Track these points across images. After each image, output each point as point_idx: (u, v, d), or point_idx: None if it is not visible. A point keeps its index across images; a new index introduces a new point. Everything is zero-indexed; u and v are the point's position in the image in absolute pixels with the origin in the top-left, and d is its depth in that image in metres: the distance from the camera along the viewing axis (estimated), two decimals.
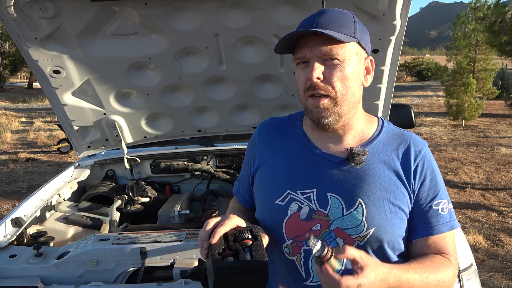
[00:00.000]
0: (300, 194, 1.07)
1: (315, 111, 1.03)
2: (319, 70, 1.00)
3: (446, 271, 1.03)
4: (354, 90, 1.04)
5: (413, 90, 20.32)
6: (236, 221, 1.01)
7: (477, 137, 9.39)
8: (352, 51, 1.02)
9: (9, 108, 16.60)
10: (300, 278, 1.07)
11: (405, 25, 1.77)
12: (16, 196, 5.95)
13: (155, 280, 1.72)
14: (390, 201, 1.03)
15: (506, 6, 7.11)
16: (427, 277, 0.99)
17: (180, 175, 2.87)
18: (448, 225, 1.07)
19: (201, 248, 0.98)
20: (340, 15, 1.03)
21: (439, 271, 1.02)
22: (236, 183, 1.33)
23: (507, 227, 4.46)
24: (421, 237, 1.06)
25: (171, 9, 1.73)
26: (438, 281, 1.01)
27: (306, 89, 1.03)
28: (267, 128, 1.23)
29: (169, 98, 2.24)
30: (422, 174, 1.07)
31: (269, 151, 1.17)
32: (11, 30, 1.75)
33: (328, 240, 1.04)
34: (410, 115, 2.70)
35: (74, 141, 2.44)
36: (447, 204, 1.08)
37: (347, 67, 1.01)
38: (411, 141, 1.10)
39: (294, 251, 1.08)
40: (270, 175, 1.14)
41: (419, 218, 1.06)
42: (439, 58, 17.79)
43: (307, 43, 1.01)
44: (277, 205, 1.09)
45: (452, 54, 12.66)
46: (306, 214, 1.05)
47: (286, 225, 1.08)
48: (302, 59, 1.03)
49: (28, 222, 1.99)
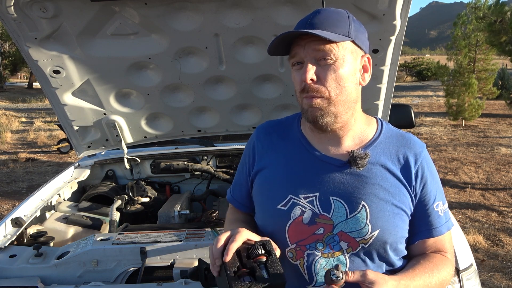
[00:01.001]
0: (302, 199, 1.06)
1: (310, 110, 1.03)
2: (312, 72, 1.00)
3: (446, 270, 1.07)
4: (349, 90, 1.03)
5: (413, 90, 20.32)
6: (246, 235, 0.97)
7: (477, 137, 9.39)
8: (346, 50, 1.01)
9: (9, 108, 16.60)
10: (303, 282, 1.07)
11: (405, 25, 1.77)
12: (16, 196, 5.95)
13: (155, 280, 1.73)
14: (393, 203, 1.04)
15: (506, 6, 7.11)
16: (430, 281, 1.03)
17: (180, 175, 2.87)
18: (446, 225, 1.10)
19: (212, 266, 0.95)
20: (335, 14, 1.03)
21: (440, 271, 1.06)
22: (229, 190, 1.31)
23: (507, 227, 4.46)
24: (423, 238, 1.08)
25: (171, 9, 1.73)
26: (439, 281, 1.05)
27: (301, 91, 1.03)
28: (265, 131, 1.21)
29: (169, 98, 2.24)
30: (424, 178, 1.07)
31: (269, 154, 1.16)
32: (11, 30, 1.74)
33: (332, 244, 1.04)
34: (410, 115, 2.70)
35: (74, 141, 2.44)
36: (442, 205, 1.10)
37: (341, 66, 1.00)
38: (410, 143, 1.10)
39: (297, 255, 1.07)
40: (270, 179, 1.13)
41: (421, 220, 1.08)
42: (439, 58, 17.77)
43: (300, 43, 1.01)
44: (279, 210, 1.08)
45: (452, 54, 12.64)
46: (309, 218, 1.05)
47: (289, 230, 1.07)
48: (297, 60, 1.03)
49: (28, 222, 1.99)
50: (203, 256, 1.68)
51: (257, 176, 1.17)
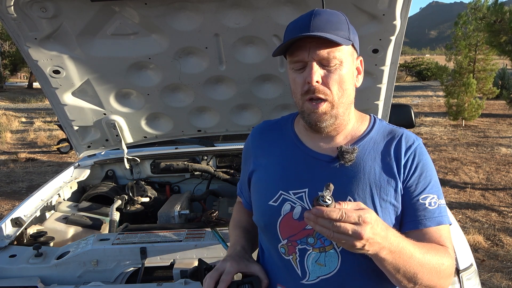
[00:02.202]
0: (292, 194, 1.08)
1: (313, 115, 1.04)
2: (319, 74, 1.01)
3: (445, 257, 1.01)
4: (349, 91, 1.06)
5: (413, 90, 20.32)
6: (234, 268, 1.08)
7: (477, 137, 9.39)
8: (347, 53, 1.04)
9: (9, 108, 16.60)
10: (296, 277, 1.08)
11: (405, 25, 1.77)
12: (16, 196, 5.95)
13: (155, 280, 1.73)
14: (381, 197, 1.03)
15: (505, 6, 7.11)
16: (425, 254, 0.96)
17: (180, 175, 2.87)
18: (436, 220, 1.04)
19: None
20: (334, 17, 1.04)
21: (438, 254, 0.99)
22: (239, 184, 1.35)
23: (507, 227, 4.46)
24: (407, 230, 1.04)
25: (171, 9, 1.73)
26: (437, 263, 0.98)
27: (304, 93, 1.03)
28: (260, 131, 1.25)
29: (169, 98, 2.24)
30: (412, 168, 1.06)
31: (263, 154, 1.19)
32: (11, 30, 1.74)
33: (323, 239, 1.05)
34: (410, 115, 2.70)
35: (74, 141, 2.44)
36: (436, 199, 1.06)
37: (343, 69, 1.03)
38: (402, 136, 1.10)
39: (289, 250, 1.08)
40: (263, 178, 1.16)
41: (406, 211, 1.06)
42: (439, 58, 17.78)
43: (304, 45, 1.01)
44: (270, 206, 1.10)
45: (451, 54, 12.64)
46: (299, 213, 1.06)
47: (280, 225, 1.09)
48: (299, 62, 1.03)
49: (28, 222, 1.99)
50: (203, 256, 1.68)
51: (253, 175, 1.20)
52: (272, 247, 1.13)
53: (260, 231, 1.20)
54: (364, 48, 1.87)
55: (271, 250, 1.14)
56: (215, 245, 1.72)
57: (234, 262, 1.11)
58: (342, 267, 1.04)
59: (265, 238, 1.17)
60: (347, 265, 1.04)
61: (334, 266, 1.05)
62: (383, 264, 0.93)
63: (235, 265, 1.10)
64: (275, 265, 1.13)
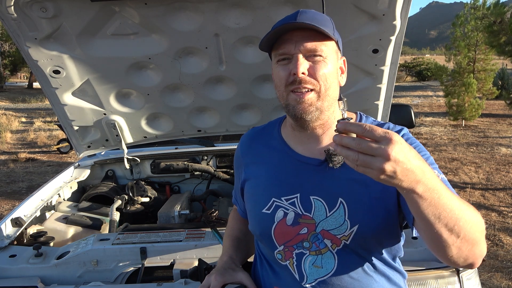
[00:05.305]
0: (284, 201, 1.08)
1: (298, 106, 1.03)
2: (305, 66, 1.01)
3: (479, 217, 0.86)
4: (334, 86, 1.06)
5: (413, 90, 20.32)
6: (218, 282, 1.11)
7: (477, 137, 9.39)
8: (332, 49, 1.05)
9: (9, 108, 16.60)
10: (294, 282, 1.08)
11: (405, 25, 1.77)
12: (16, 196, 5.95)
13: (155, 280, 1.73)
14: (372, 195, 1.02)
15: (505, 6, 7.11)
16: (462, 205, 0.82)
17: (180, 175, 2.87)
18: None
19: None
20: (320, 16, 1.06)
21: (473, 212, 0.85)
22: (233, 192, 1.36)
23: (507, 227, 4.47)
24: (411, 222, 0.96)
25: (171, 9, 1.74)
26: (474, 213, 0.84)
27: (288, 84, 1.03)
28: (248, 139, 1.25)
29: (169, 98, 2.24)
30: None
31: (253, 162, 1.19)
32: (11, 30, 1.75)
33: (317, 242, 1.05)
34: (410, 115, 2.70)
35: (74, 141, 2.44)
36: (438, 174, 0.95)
37: (329, 63, 1.03)
38: (388, 128, 1.09)
39: (286, 256, 1.09)
40: (256, 186, 1.16)
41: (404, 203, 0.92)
42: (439, 58, 17.78)
43: (290, 39, 1.02)
44: (264, 213, 1.10)
45: (451, 54, 12.64)
46: (292, 219, 1.07)
47: (275, 232, 1.09)
48: (285, 55, 1.03)
49: (28, 222, 1.99)
50: (203, 256, 1.68)
51: (246, 184, 1.20)
52: (269, 254, 1.14)
53: (257, 239, 1.21)
54: (364, 48, 1.87)
55: (268, 256, 1.15)
56: (215, 245, 1.72)
57: (218, 275, 1.13)
58: (338, 268, 1.05)
59: (262, 246, 1.17)
60: (344, 265, 1.05)
61: (331, 267, 1.05)
62: (421, 208, 0.78)
63: (219, 278, 1.12)
64: (272, 271, 1.14)
